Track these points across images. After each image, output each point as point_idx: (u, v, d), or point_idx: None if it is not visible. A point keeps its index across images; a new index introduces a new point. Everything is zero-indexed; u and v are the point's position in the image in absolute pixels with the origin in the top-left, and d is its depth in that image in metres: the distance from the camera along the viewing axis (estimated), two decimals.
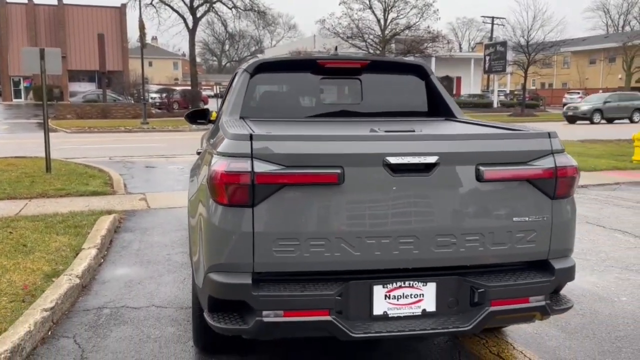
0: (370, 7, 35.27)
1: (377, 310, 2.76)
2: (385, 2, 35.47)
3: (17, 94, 47.79)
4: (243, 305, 2.63)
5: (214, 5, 37.35)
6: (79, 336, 3.73)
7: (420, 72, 4.16)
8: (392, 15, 35.81)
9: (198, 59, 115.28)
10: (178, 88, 41.43)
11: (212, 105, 8.32)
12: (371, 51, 35.27)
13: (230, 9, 38.62)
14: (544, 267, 2.89)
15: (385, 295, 2.77)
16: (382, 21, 35.60)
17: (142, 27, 29.01)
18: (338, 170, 2.58)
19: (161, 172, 11.95)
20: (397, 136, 2.75)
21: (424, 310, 2.81)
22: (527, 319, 3.01)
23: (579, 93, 51.64)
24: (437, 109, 4.11)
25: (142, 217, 7.28)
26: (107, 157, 14.15)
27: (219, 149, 2.67)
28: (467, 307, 2.81)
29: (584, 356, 3.54)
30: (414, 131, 2.93)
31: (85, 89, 44.62)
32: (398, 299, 2.78)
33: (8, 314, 3.85)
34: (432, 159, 2.66)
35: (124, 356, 3.46)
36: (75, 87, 47.65)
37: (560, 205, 2.89)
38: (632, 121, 30.77)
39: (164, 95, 37.01)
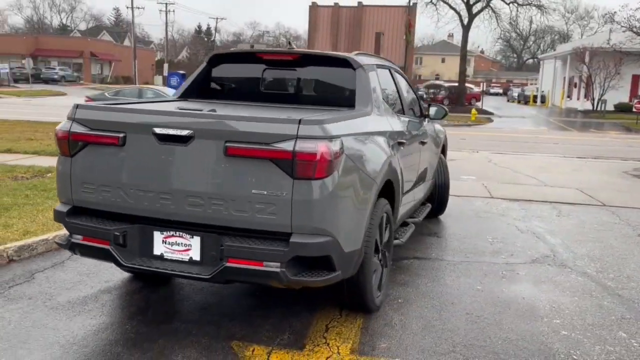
0: None
1: (157, 251, 3.49)
2: None
3: None
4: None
5: (490, 1, 36.80)
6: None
7: (348, 64, 4.45)
8: None
9: (498, 56, 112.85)
10: (446, 84, 42.06)
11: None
12: None
13: (508, 4, 37.50)
14: (285, 239, 3.20)
15: (163, 241, 3.48)
16: None
17: (408, 25, 30.56)
18: (120, 135, 3.41)
19: None
20: (164, 111, 3.42)
21: (190, 258, 3.43)
22: (264, 280, 3.32)
23: None
24: (354, 98, 4.37)
25: None
26: None
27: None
28: (218, 262, 3.33)
29: (402, 353, 3.57)
30: (202, 110, 3.51)
31: None
32: (172, 245, 3.46)
33: (52, 227, 5.52)
34: (185, 132, 3.27)
35: (71, 271, 4.79)
36: None
37: (303, 186, 3.15)
38: None
39: (431, 91, 38.21)
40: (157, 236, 3.49)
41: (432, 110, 6.20)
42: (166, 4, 59.72)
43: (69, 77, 54.55)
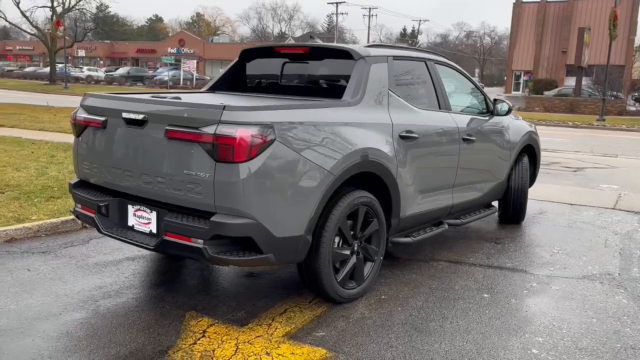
0: None
1: (130, 222, 3.95)
2: None
3: (517, 87, 51.79)
4: None
5: None
6: None
7: (350, 56, 4.43)
8: None
9: None
10: None
11: None
12: None
13: None
14: (209, 218, 3.40)
15: (133, 213, 3.92)
16: None
17: (613, 17, 27.47)
18: (103, 119, 3.93)
19: None
20: (130, 98, 3.83)
21: (150, 230, 3.82)
22: (192, 255, 3.54)
23: None
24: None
25: None
26: None
27: None
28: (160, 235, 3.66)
29: (331, 344, 3.53)
30: (165, 97, 3.84)
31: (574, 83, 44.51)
32: (140, 218, 3.89)
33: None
34: (139, 116, 3.66)
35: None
36: (570, 81, 48.01)
37: (223, 168, 3.33)
38: None
39: (636, 94, 33.78)
40: (130, 209, 3.94)
41: (498, 106, 5.80)
42: (369, 8, 61.72)
43: None
